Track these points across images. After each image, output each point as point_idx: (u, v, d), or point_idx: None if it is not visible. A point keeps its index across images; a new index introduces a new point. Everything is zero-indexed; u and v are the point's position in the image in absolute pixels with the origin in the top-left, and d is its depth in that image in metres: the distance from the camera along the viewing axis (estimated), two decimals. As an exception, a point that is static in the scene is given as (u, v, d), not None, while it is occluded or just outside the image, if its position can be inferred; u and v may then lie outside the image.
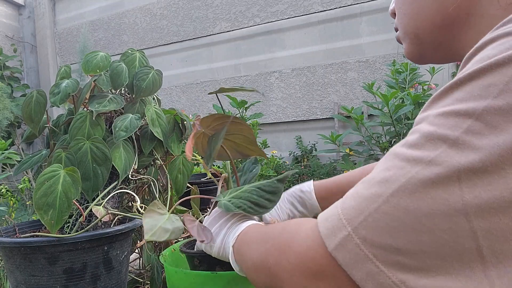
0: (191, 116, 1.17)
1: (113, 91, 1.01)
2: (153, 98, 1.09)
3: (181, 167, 1.06)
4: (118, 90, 1.03)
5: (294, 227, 0.45)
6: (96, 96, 0.97)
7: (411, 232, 0.32)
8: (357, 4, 2.81)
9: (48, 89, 1.03)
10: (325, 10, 2.91)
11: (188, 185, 1.09)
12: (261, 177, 2.28)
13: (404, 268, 0.33)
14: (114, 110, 0.98)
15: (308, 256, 0.39)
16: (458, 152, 0.31)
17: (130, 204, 1.03)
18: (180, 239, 0.99)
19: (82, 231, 0.80)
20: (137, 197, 0.90)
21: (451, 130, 0.32)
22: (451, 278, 0.31)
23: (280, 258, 0.43)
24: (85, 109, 0.97)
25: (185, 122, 1.08)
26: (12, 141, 3.08)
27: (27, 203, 2.00)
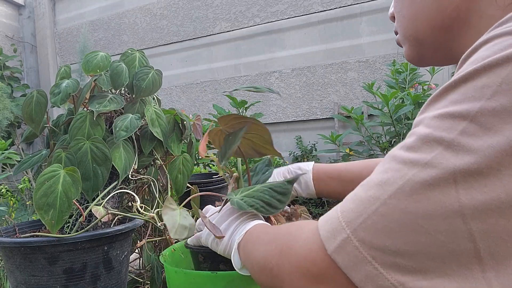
0: (191, 116, 1.16)
1: (113, 91, 1.01)
2: (153, 98, 1.09)
3: (181, 167, 1.06)
4: (118, 90, 1.03)
5: (296, 230, 0.45)
6: (96, 96, 0.97)
7: (408, 234, 0.32)
8: (357, 4, 2.81)
9: (48, 89, 1.03)
10: (325, 10, 2.92)
11: (188, 185, 1.09)
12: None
13: (402, 270, 0.33)
14: (114, 110, 0.98)
15: (309, 258, 0.39)
16: (453, 154, 0.31)
17: (130, 204, 1.03)
18: (180, 239, 0.99)
19: (82, 231, 0.80)
20: (137, 197, 0.90)
21: (446, 132, 0.32)
22: (449, 279, 0.32)
23: (281, 260, 0.44)
24: (85, 109, 0.97)
25: (185, 122, 1.08)
26: (12, 141, 3.08)
27: (27, 203, 2.00)
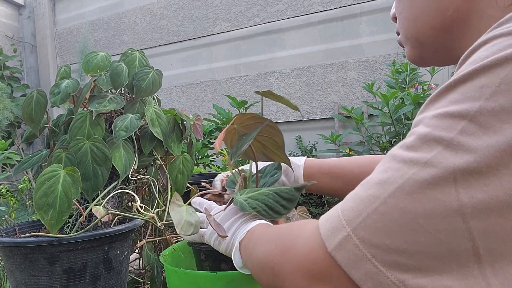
0: (191, 116, 1.16)
1: (113, 91, 1.01)
2: (153, 98, 1.09)
3: (181, 167, 1.06)
4: (118, 90, 1.03)
5: (297, 229, 0.45)
6: (96, 96, 0.97)
7: (408, 232, 0.33)
8: (357, 4, 2.81)
9: (48, 89, 1.03)
10: (325, 10, 2.91)
11: (188, 185, 1.09)
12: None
13: (402, 268, 0.33)
14: (114, 110, 0.98)
15: (309, 257, 0.40)
16: (453, 154, 0.31)
17: (130, 204, 1.03)
18: (180, 239, 0.99)
19: (82, 231, 0.80)
20: (137, 197, 0.90)
21: (446, 132, 0.32)
22: (448, 277, 0.32)
23: (282, 258, 0.44)
24: (85, 109, 0.97)
25: (185, 122, 1.08)
26: (12, 141, 3.08)
27: (27, 203, 2.00)
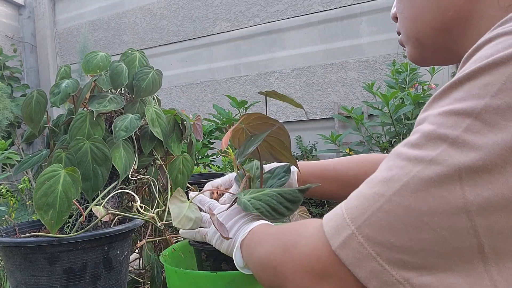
0: (191, 116, 1.16)
1: (113, 91, 1.01)
2: (153, 98, 1.09)
3: (181, 167, 1.05)
4: (118, 90, 1.03)
5: (300, 228, 0.45)
6: (96, 96, 0.97)
7: (413, 230, 0.33)
8: (357, 4, 2.81)
9: (48, 89, 1.02)
10: (325, 10, 2.91)
11: (188, 185, 1.09)
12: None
13: (407, 266, 0.33)
14: (114, 110, 0.98)
15: (313, 255, 0.40)
16: (458, 151, 0.31)
17: (130, 204, 1.03)
18: (180, 239, 0.99)
19: (82, 231, 0.80)
20: (137, 197, 0.90)
21: (451, 129, 0.32)
22: (453, 275, 0.32)
23: (285, 257, 0.44)
24: (85, 109, 0.97)
25: (185, 122, 1.08)
26: (12, 141, 3.08)
27: (27, 203, 2.00)
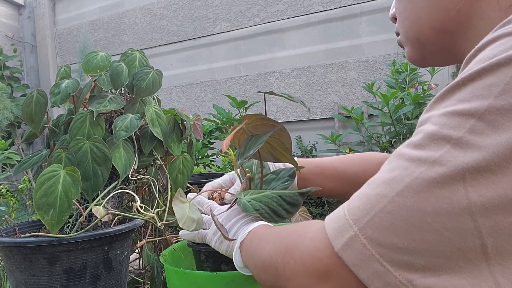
0: (191, 116, 1.16)
1: (113, 91, 1.01)
2: (153, 98, 1.09)
3: (181, 167, 1.05)
4: (118, 90, 1.03)
5: (302, 229, 0.45)
6: (96, 96, 0.97)
7: (416, 231, 0.33)
8: (357, 4, 2.81)
9: (48, 89, 1.02)
10: (325, 10, 2.91)
11: (188, 185, 1.09)
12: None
13: (410, 267, 0.33)
14: (114, 110, 0.98)
15: (315, 256, 0.40)
16: (461, 152, 0.31)
17: (130, 204, 1.03)
18: (180, 239, 0.99)
19: (82, 231, 0.80)
20: (137, 197, 0.90)
21: (454, 130, 0.32)
22: (456, 276, 0.32)
23: (287, 258, 0.44)
24: (85, 109, 0.97)
25: (185, 122, 1.07)
26: (12, 141, 3.08)
27: (27, 203, 2.00)
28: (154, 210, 0.93)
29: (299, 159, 0.81)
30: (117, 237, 0.83)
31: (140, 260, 1.06)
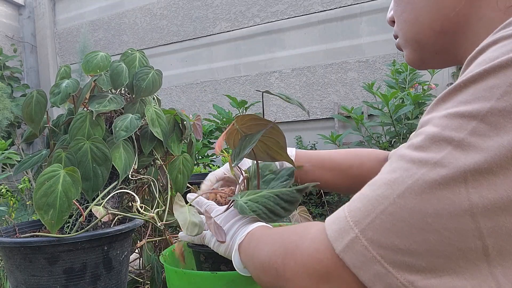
0: (191, 116, 1.16)
1: (113, 91, 1.01)
2: (153, 98, 1.09)
3: (181, 167, 1.05)
4: (118, 90, 1.03)
5: (302, 230, 0.45)
6: (96, 96, 0.97)
7: (417, 232, 0.33)
8: (357, 4, 2.81)
9: (48, 89, 1.02)
10: (325, 10, 2.91)
11: (188, 185, 1.09)
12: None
13: (411, 268, 0.33)
14: (114, 110, 0.98)
15: (315, 258, 0.39)
16: (463, 154, 0.31)
17: (130, 204, 1.03)
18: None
19: (82, 231, 0.80)
20: (137, 197, 0.90)
21: (456, 132, 0.32)
22: (457, 277, 0.32)
23: (287, 259, 0.43)
24: (85, 109, 0.97)
25: (185, 122, 1.08)
26: (12, 141, 3.08)
27: (27, 203, 2.00)
28: (154, 210, 0.93)
29: (298, 150, 0.81)
30: (117, 237, 0.83)
31: (140, 260, 1.06)
